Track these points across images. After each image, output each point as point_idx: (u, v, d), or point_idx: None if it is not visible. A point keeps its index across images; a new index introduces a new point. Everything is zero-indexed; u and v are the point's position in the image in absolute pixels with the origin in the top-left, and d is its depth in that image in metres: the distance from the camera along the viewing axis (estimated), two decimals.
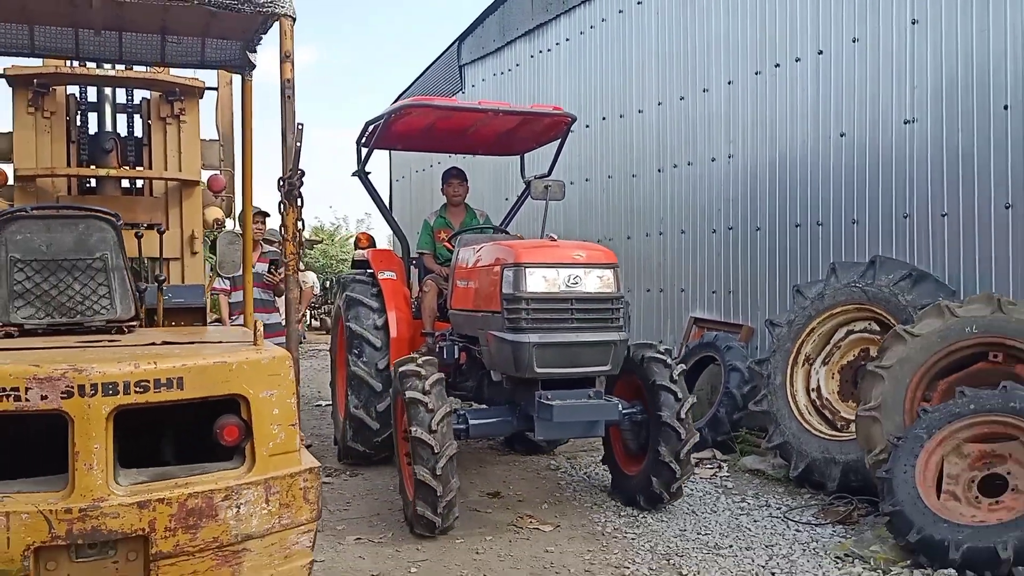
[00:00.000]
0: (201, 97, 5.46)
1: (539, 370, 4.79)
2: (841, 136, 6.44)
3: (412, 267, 6.85)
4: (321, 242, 21.72)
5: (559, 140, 6.76)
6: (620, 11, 8.93)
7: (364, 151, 6.57)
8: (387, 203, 15.44)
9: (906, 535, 4.26)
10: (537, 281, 4.84)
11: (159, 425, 3.04)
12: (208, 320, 4.82)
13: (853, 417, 5.35)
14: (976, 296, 4.98)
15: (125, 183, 5.36)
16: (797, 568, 4.33)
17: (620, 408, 5.12)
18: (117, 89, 5.27)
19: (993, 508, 4.26)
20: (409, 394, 4.78)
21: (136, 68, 5.17)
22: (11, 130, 5.03)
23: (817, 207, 6.68)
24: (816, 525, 5.08)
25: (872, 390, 5.03)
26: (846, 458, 5.41)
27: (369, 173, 6.67)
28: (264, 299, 7.38)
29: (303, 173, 3.39)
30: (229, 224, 5.69)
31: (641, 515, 5.30)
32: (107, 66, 5.04)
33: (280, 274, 6.98)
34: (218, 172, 5.62)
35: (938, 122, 5.74)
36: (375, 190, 6.78)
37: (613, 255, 5.18)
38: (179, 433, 3.12)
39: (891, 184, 6.07)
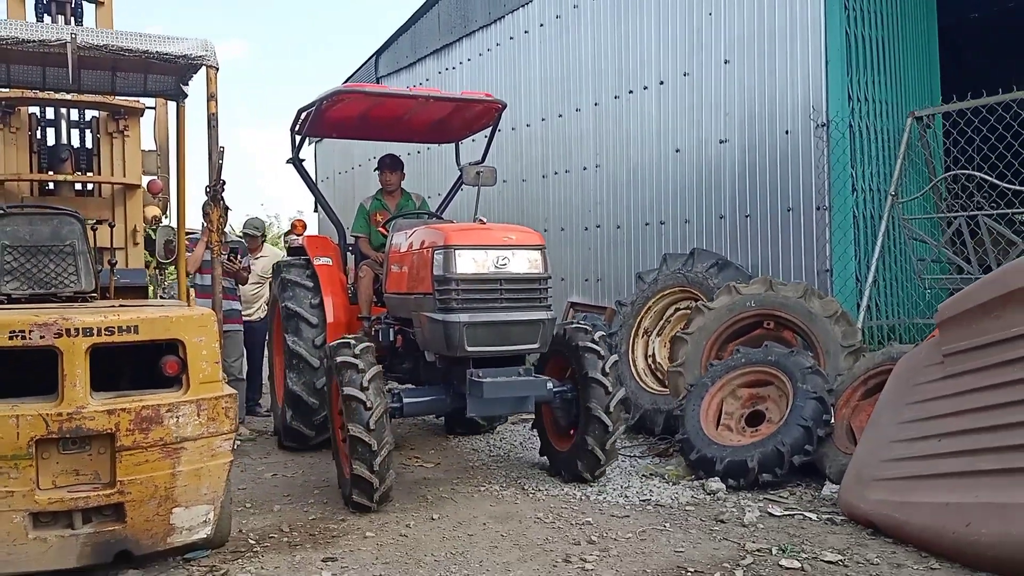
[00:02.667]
0: (142, 115, 6.54)
1: (470, 349, 4.89)
2: (677, 152, 7.89)
3: (348, 253, 6.94)
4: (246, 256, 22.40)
5: (491, 127, 6.89)
6: (511, 38, 10.29)
7: (298, 139, 6.64)
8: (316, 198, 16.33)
9: (689, 455, 5.67)
10: (467, 263, 4.94)
11: (120, 364, 4.20)
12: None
13: None
14: (756, 279, 6.44)
15: (78, 186, 6.43)
16: (611, 482, 5.67)
17: (550, 386, 5.33)
18: (72, 109, 6.33)
19: (753, 435, 5.69)
20: (347, 390, 4.84)
21: None
22: None
23: (661, 209, 8.12)
24: (640, 458, 6.46)
25: (679, 351, 6.46)
26: (668, 407, 6.80)
27: (303, 160, 6.79)
28: (225, 286, 7.25)
29: (224, 182, 4.59)
30: (165, 220, 6.79)
31: (505, 455, 6.62)
32: None
33: (240, 262, 7.39)
34: (156, 177, 6.72)
35: (743, 142, 7.21)
36: (309, 177, 6.93)
37: (541, 237, 5.30)
38: (133, 371, 4.28)
39: (712, 191, 7.54)
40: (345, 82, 15.02)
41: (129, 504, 3.90)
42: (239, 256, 7.48)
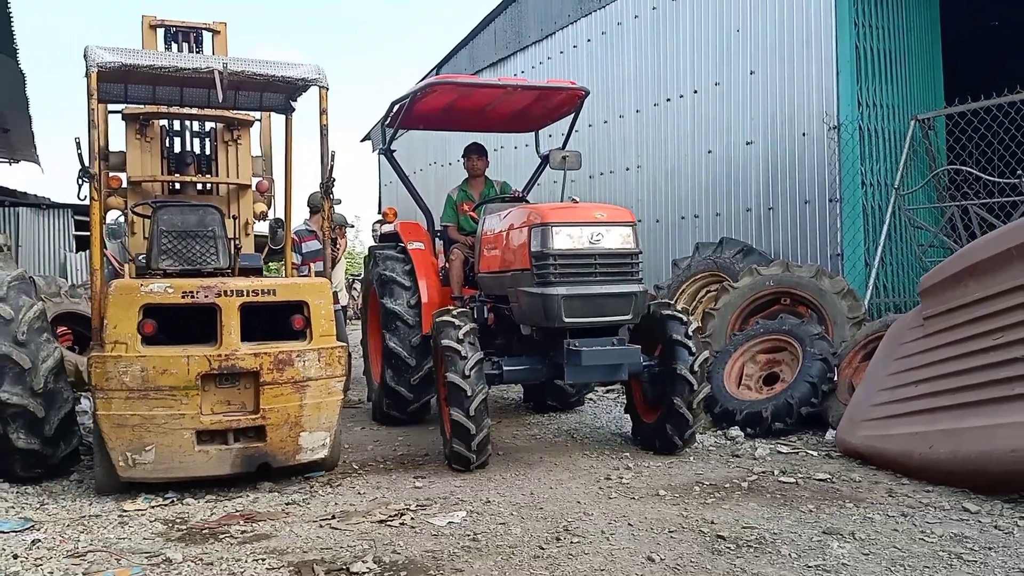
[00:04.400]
0: (251, 126, 7.74)
1: (567, 320, 5.15)
2: (709, 153, 8.88)
3: (436, 239, 7.34)
4: (353, 226, 23.53)
5: (572, 114, 7.15)
6: (561, 52, 11.39)
7: (389, 131, 6.98)
8: (379, 198, 17.66)
9: (713, 409, 6.67)
10: (563, 239, 5.19)
11: (260, 322, 5.35)
12: None
13: None
14: (775, 261, 7.41)
15: (199, 186, 7.66)
16: None
17: (642, 358, 5.56)
18: (194, 121, 7.56)
19: (768, 392, 6.67)
20: (450, 377, 5.23)
21: None
22: (124, 150, 7.32)
23: (695, 204, 9.12)
24: None
25: (708, 324, 7.46)
26: None
27: (394, 151, 7.22)
28: None
29: (335, 179, 5.74)
30: (271, 214, 7.98)
31: (557, 415, 7.67)
32: None
33: (335, 249, 8.38)
34: (262, 178, 7.92)
35: (767, 143, 8.19)
36: (400, 167, 7.36)
37: (631, 214, 5.52)
38: (268, 327, 5.43)
39: (739, 187, 8.52)
40: None
41: (269, 427, 5.05)
42: (334, 243, 8.70)
